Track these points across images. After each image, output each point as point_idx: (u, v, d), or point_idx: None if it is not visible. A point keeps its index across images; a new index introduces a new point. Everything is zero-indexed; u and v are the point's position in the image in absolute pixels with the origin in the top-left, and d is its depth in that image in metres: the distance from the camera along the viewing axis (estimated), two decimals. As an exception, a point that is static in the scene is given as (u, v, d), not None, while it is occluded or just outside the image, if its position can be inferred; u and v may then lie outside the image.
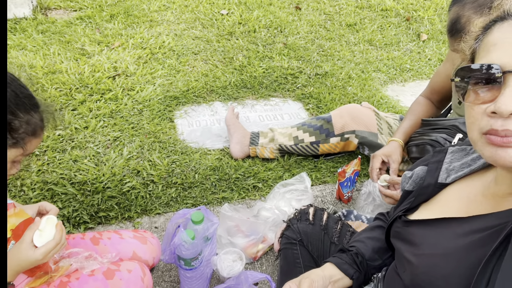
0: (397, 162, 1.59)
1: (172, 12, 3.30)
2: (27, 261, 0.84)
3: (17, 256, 0.84)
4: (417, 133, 1.68)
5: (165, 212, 1.63)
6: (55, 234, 0.87)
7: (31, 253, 0.84)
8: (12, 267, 0.84)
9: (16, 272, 0.85)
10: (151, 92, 2.27)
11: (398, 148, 1.63)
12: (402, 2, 3.77)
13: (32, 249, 0.84)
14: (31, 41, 2.69)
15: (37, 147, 0.99)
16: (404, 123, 1.70)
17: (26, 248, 0.84)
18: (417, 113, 1.71)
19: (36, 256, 0.84)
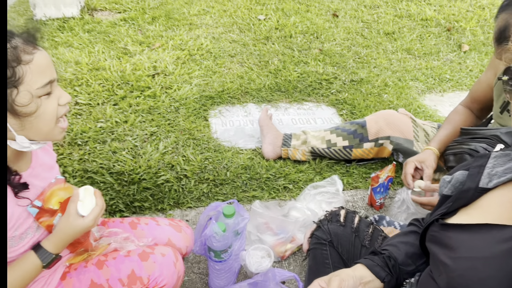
0: (431, 168, 1.54)
1: (211, 16, 3.38)
2: (79, 229, 0.89)
3: (68, 228, 0.89)
4: (455, 142, 1.63)
5: (196, 207, 1.66)
6: (97, 200, 0.92)
7: (81, 222, 0.89)
8: (64, 238, 0.90)
9: (67, 243, 0.91)
10: (187, 91, 2.33)
11: (432, 155, 1.58)
12: (444, 13, 3.69)
13: (81, 218, 0.90)
14: (77, 39, 2.84)
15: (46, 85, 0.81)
16: (440, 132, 1.66)
17: (75, 218, 0.89)
18: (455, 122, 1.66)
19: (87, 223, 0.90)
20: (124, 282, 0.99)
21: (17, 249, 0.90)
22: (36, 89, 0.79)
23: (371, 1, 3.91)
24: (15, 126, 0.80)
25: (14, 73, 0.76)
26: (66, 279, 1.01)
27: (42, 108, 0.82)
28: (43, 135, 0.86)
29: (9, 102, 0.76)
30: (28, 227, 0.91)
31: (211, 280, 1.35)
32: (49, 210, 0.93)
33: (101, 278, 1.00)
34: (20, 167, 0.91)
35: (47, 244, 0.89)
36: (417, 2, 3.94)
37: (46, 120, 0.84)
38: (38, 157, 0.98)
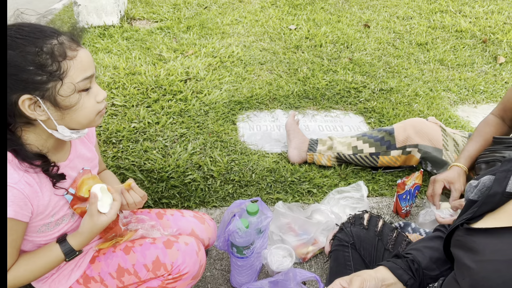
0: (459, 191, 1.51)
1: (243, 26, 3.47)
2: (102, 225, 0.95)
3: (95, 227, 0.95)
4: (487, 151, 1.59)
5: (221, 206, 1.70)
6: (114, 195, 0.98)
7: (104, 219, 0.95)
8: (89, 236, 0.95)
9: (91, 239, 0.97)
10: (217, 96, 2.40)
11: (462, 176, 1.54)
12: (479, 24, 3.61)
13: (103, 215, 0.95)
14: (116, 45, 2.99)
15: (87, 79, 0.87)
16: (469, 145, 1.61)
17: (98, 218, 0.95)
18: (485, 134, 1.61)
19: (110, 218, 0.96)
20: (149, 267, 1.03)
21: (52, 233, 0.97)
22: (77, 83, 0.85)
23: (404, 12, 3.88)
24: (56, 117, 0.87)
25: (59, 67, 0.82)
26: (95, 263, 1.07)
27: (81, 102, 0.88)
28: (83, 126, 0.93)
29: (52, 94, 0.83)
30: (64, 214, 0.98)
31: (232, 276, 1.37)
32: (81, 198, 0.99)
33: (128, 263, 1.04)
34: (58, 158, 0.97)
35: (72, 240, 0.95)
36: (451, 14, 3.87)
37: (86, 114, 0.90)
38: (77, 150, 1.04)
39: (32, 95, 0.82)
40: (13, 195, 0.83)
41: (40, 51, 0.80)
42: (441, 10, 3.96)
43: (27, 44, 0.80)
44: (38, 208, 0.90)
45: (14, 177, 0.84)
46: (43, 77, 0.81)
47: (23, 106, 0.82)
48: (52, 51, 0.82)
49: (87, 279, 1.03)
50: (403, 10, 3.94)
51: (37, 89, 0.81)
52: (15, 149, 0.85)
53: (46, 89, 0.82)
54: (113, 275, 1.03)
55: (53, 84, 0.82)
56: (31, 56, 0.80)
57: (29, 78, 0.80)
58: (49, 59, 0.81)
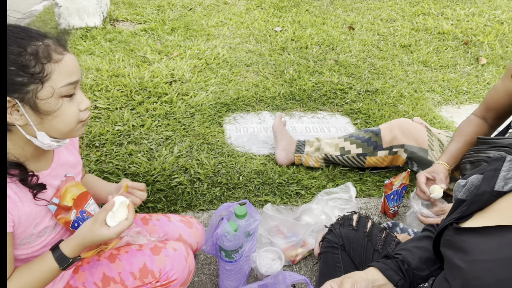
0: (443, 174, 1.51)
1: (228, 27, 3.46)
2: (101, 238, 0.89)
3: (92, 234, 0.89)
4: (472, 151, 1.61)
5: (209, 209, 1.67)
6: (129, 215, 0.91)
7: (106, 232, 0.88)
8: (83, 243, 0.89)
9: (84, 248, 0.91)
10: (203, 98, 2.37)
11: (444, 170, 1.56)
12: (461, 27, 3.68)
13: (106, 227, 0.89)
14: (99, 47, 2.93)
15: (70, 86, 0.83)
16: (451, 145, 1.62)
17: (100, 226, 0.88)
18: (466, 134, 1.63)
19: (111, 234, 0.89)
20: (136, 275, 1.00)
21: (34, 245, 0.92)
22: (60, 88, 0.81)
23: (388, 14, 3.93)
24: (35, 123, 0.82)
25: (43, 69, 0.79)
26: (78, 272, 1.02)
27: (62, 109, 0.83)
28: (63, 134, 0.87)
29: (32, 98, 0.79)
30: (46, 226, 0.93)
31: (221, 281, 1.34)
32: (65, 207, 0.95)
33: (113, 271, 1.01)
34: (39, 167, 0.92)
35: (65, 247, 0.89)
36: (434, 16, 3.94)
37: (66, 121, 0.85)
38: (60, 157, 0.99)
39: (10, 98, 0.77)
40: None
41: (24, 51, 0.77)
42: (424, 12, 4.03)
43: (10, 43, 0.76)
44: (19, 218, 0.85)
45: None
46: (24, 78, 0.77)
47: None
48: (36, 52, 0.78)
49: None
50: (387, 12, 3.99)
51: (16, 91, 0.77)
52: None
53: (26, 91, 0.78)
54: (98, 284, 0.99)
55: (34, 87, 0.78)
56: (13, 56, 0.76)
57: (9, 78, 0.76)
58: (32, 60, 0.77)
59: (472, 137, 1.62)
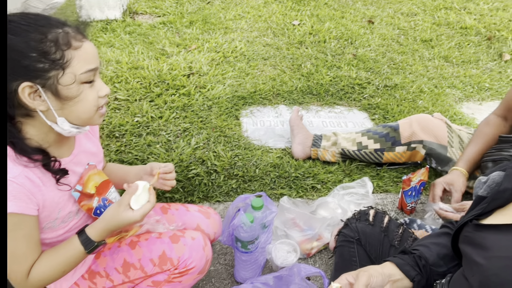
0: (460, 192, 1.50)
1: (246, 21, 3.45)
2: (126, 221, 0.91)
3: (117, 217, 0.90)
4: (494, 149, 1.58)
5: (225, 201, 1.69)
6: (150, 197, 0.93)
7: (130, 214, 0.90)
8: (108, 226, 0.91)
9: (111, 231, 0.93)
10: (220, 91, 2.39)
11: (461, 177, 1.54)
12: (484, 22, 3.58)
13: (130, 210, 0.91)
14: (119, 40, 2.97)
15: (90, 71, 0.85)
16: (469, 148, 1.60)
17: (125, 209, 0.90)
18: (485, 136, 1.59)
19: (136, 217, 0.90)
20: (155, 262, 1.03)
21: (58, 229, 0.95)
22: (80, 74, 0.83)
23: (408, 8, 3.86)
24: (56, 108, 0.84)
25: (63, 56, 0.81)
26: (100, 258, 1.06)
27: (83, 94, 0.85)
28: (83, 121, 0.90)
29: (54, 84, 0.81)
30: (70, 211, 0.96)
31: (236, 271, 1.36)
32: (88, 194, 0.98)
33: (133, 257, 1.03)
34: (61, 153, 0.95)
35: (90, 230, 0.91)
36: (456, 11, 3.85)
37: (86, 107, 0.87)
38: (81, 144, 1.02)
39: (32, 83, 0.80)
40: (14, 189, 0.81)
41: (44, 38, 0.79)
42: (446, 7, 3.94)
43: (31, 30, 0.79)
44: (43, 202, 0.88)
45: (13, 171, 0.82)
46: (45, 64, 0.79)
47: (23, 94, 0.80)
48: (56, 39, 0.80)
49: (93, 274, 1.02)
50: (407, 6, 3.92)
51: (38, 77, 0.80)
52: (13, 142, 0.83)
53: (47, 77, 0.80)
54: (119, 270, 1.02)
55: (55, 73, 0.81)
56: (34, 43, 0.78)
57: (30, 64, 0.78)
58: (53, 47, 0.80)
59: (492, 139, 1.59)
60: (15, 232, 0.83)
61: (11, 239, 0.83)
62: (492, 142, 1.59)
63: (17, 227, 0.83)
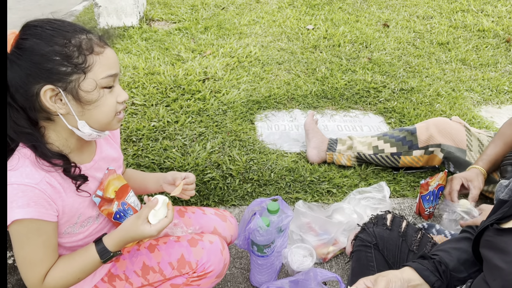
0: (478, 189, 1.48)
1: (260, 26, 3.47)
2: (142, 234, 0.91)
3: (134, 230, 0.91)
4: (513, 152, 1.54)
5: (240, 205, 1.70)
6: (168, 213, 0.94)
7: (148, 229, 0.90)
8: (126, 239, 0.92)
9: (128, 243, 0.94)
10: (235, 95, 2.40)
11: (480, 175, 1.51)
12: (502, 24, 3.52)
13: (148, 224, 0.92)
14: (135, 46, 3.03)
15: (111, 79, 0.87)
16: (490, 149, 1.57)
17: (143, 223, 0.90)
18: (506, 137, 1.56)
19: (152, 232, 0.91)
20: (174, 265, 1.03)
21: (78, 234, 0.96)
22: (101, 79, 0.85)
23: (424, 11, 3.82)
24: (77, 112, 0.86)
25: (85, 60, 0.83)
26: (119, 261, 1.06)
27: (102, 99, 0.87)
28: (101, 125, 0.91)
29: (75, 87, 0.83)
30: (89, 216, 0.97)
31: (252, 275, 1.36)
32: (108, 199, 0.99)
33: (152, 261, 1.04)
34: (82, 160, 0.96)
35: (108, 240, 0.92)
36: (473, 13, 3.79)
37: (105, 112, 0.88)
38: (102, 150, 1.03)
39: (54, 86, 0.81)
40: (35, 195, 0.82)
41: (68, 42, 0.81)
42: (462, 9, 3.88)
43: (56, 35, 0.81)
44: (63, 208, 0.89)
45: (35, 177, 0.83)
46: (67, 68, 0.81)
47: (45, 97, 0.81)
48: (80, 44, 0.83)
49: (112, 277, 1.03)
50: (423, 9, 3.88)
51: (60, 80, 0.81)
52: (35, 145, 0.85)
53: (69, 81, 0.82)
54: (138, 273, 1.03)
55: (76, 77, 0.82)
56: (58, 47, 0.81)
57: (53, 68, 0.80)
58: (75, 52, 0.82)
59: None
60: (34, 238, 0.84)
61: (30, 245, 0.84)
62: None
63: (36, 233, 0.84)
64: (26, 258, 0.85)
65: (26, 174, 0.82)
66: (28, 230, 0.83)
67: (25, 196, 0.81)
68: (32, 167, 0.84)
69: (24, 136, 0.85)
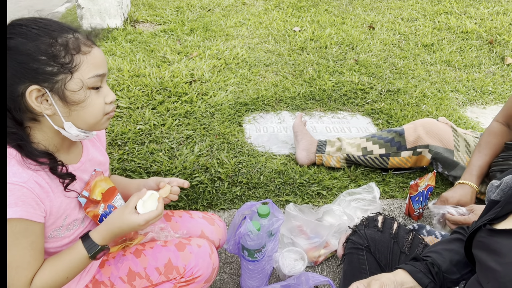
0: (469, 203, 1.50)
1: (247, 28, 3.46)
2: (129, 224, 0.89)
3: (121, 219, 0.89)
4: (501, 158, 1.56)
5: (229, 208, 1.67)
6: (158, 205, 0.92)
7: (134, 217, 0.89)
8: (112, 229, 0.89)
9: (115, 235, 0.90)
10: (223, 97, 2.38)
11: (474, 198, 1.52)
12: (485, 26, 3.58)
13: (136, 214, 0.90)
14: (120, 48, 2.97)
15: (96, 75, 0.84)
16: (478, 160, 1.57)
17: (130, 212, 0.89)
18: (492, 146, 1.58)
19: (139, 221, 0.89)
20: (161, 270, 1.00)
21: (63, 238, 0.93)
22: (88, 79, 0.83)
23: (408, 14, 3.87)
24: (63, 113, 0.84)
25: (72, 60, 0.81)
26: (104, 267, 1.03)
27: (89, 100, 0.85)
28: (90, 125, 0.89)
29: (61, 88, 0.81)
30: (75, 218, 0.94)
31: (243, 280, 1.33)
32: (94, 201, 0.96)
33: (139, 266, 1.01)
34: (69, 160, 0.94)
35: (94, 234, 0.90)
36: (456, 15, 3.86)
37: (93, 113, 0.87)
38: (89, 153, 1.01)
39: (40, 87, 0.79)
40: (23, 194, 0.80)
41: (55, 42, 0.79)
42: (446, 11, 3.95)
43: (42, 34, 0.79)
44: (51, 209, 0.86)
45: (23, 176, 0.80)
46: (54, 68, 0.79)
47: (30, 98, 0.79)
48: (66, 43, 0.81)
49: (97, 283, 1.00)
50: (407, 11, 3.93)
51: (46, 80, 0.79)
52: (20, 144, 0.82)
53: (55, 81, 0.80)
54: (124, 279, 1.00)
55: (63, 77, 0.80)
56: (44, 46, 0.79)
57: (39, 68, 0.78)
58: (62, 51, 0.80)
59: (498, 148, 1.58)
60: (21, 239, 0.81)
61: (17, 246, 0.81)
62: (499, 151, 1.58)
63: (23, 234, 0.81)
64: (12, 261, 0.81)
65: (13, 173, 0.80)
66: (16, 230, 0.80)
67: (13, 195, 0.78)
68: (19, 166, 0.81)
69: (9, 136, 0.82)
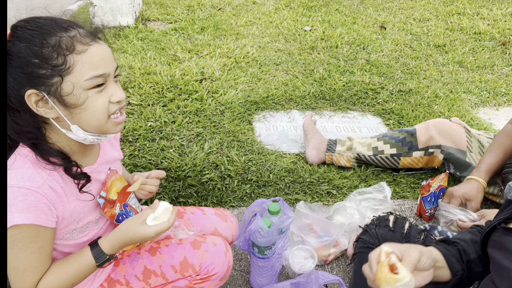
0: (475, 210, 1.49)
1: (257, 27, 3.46)
2: (140, 235, 0.87)
3: (132, 230, 0.87)
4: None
5: (239, 206, 1.67)
6: (170, 218, 0.90)
7: (144, 229, 0.86)
8: (123, 239, 0.88)
9: (125, 245, 0.89)
10: (233, 96, 2.38)
11: (480, 192, 1.51)
12: (498, 27, 3.54)
13: (145, 225, 0.87)
14: (131, 46, 2.99)
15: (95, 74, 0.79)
16: (488, 158, 1.56)
17: (141, 223, 0.87)
18: (505, 146, 1.56)
19: (150, 233, 0.87)
20: (176, 268, 1.00)
21: (77, 239, 0.92)
22: (85, 81, 0.77)
23: (420, 14, 3.83)
24: (66, 115, 0.80)
25: (65, 61, 0.76)
26: (119, 265, 1.03)
27: (90, 101, 0.80)
28: (95, 128, 0.84)
29: (58, 91, 0.77)
30: (89, 221, 0.93)
31: (252, 277, 1.33)
32: (110, 201, 0.95)
33: (154, 264, 1.01)
34: (85, 162, 0.92)
35: (104, 242, 0.88)
36: (469, 16, 3.81)
37: (94, 114, 0.81)
38: (106, 153, 0.99)
39: (37, 90, 0.76)
40: (36, 199, 0.78)
41: (46, 42, 0.75)
42: (458, 12, 3.91)
43: (35, 35, 0.75)
44: (63, 214, 0.85)
45: (37, 181, 0.78)
46: (47, 71, 0.75)
47: (30, 102, 0.77)
48: (58, 43, 0.76)
49: (112, 282, 0.99)
50: (420, 12, 3.89)
51: (42, 83, 0.76)
52: (35, 143, 0.80)
53: (51, 84, 0.76)
54: (139, 277, 1.00)
55: (57, 79, 0.76)
56: (36, 48, 0.75)
57: (34, 71, 0.75)
58: (54, 52, 0.75)
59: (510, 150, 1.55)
60: (30, 244, 0.80)
61: (25, 251, 0.80)
62: (511, 153, 1.56)
63: (33, 240, 0.80)
64: (19, 264, 0.80)
65: (27, 177, 0.78)
66: (26, 236, 0.79)
67: (26, 200, 0.77)
68: (34, 169, 0.79)
69: (24, 135, 0.80)
